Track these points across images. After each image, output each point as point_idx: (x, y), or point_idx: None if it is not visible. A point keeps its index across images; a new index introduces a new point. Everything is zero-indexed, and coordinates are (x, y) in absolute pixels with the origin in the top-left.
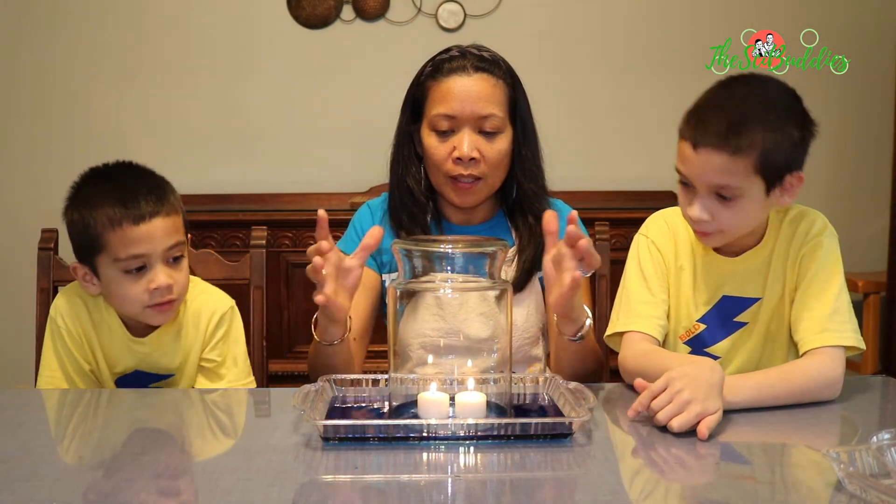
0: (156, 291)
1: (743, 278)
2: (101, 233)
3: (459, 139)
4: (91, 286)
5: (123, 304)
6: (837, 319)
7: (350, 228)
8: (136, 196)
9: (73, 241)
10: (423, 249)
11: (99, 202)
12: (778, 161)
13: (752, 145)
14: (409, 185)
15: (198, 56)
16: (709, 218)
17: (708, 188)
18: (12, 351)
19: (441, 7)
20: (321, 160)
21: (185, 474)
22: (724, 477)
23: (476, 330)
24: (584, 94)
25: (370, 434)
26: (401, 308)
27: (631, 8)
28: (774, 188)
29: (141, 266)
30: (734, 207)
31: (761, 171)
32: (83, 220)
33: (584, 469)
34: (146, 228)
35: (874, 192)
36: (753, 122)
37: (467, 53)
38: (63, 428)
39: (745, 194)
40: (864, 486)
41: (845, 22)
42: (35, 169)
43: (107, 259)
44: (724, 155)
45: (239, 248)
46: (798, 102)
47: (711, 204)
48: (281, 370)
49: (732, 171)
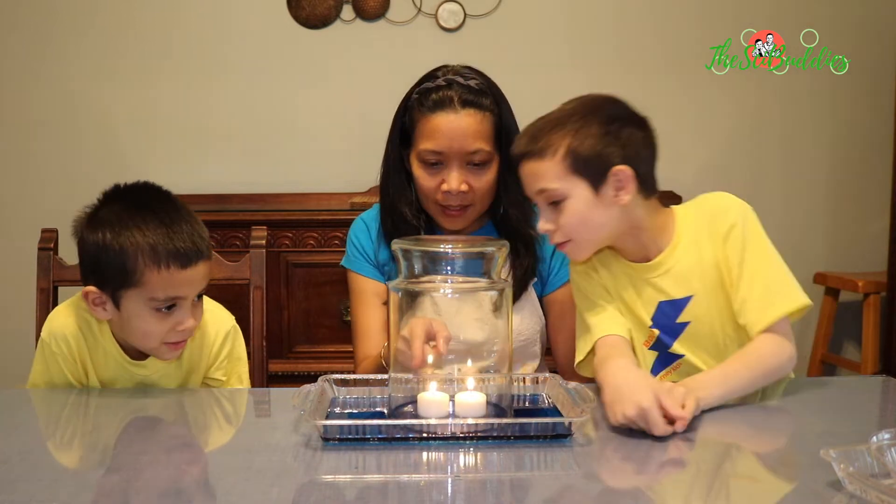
0: (180, 332)
1: (669, 280)
2: (141, 269)
3: (448, 173)
4: (101, 312)
5: (143, 338)
6: (774, 290)
7: (349, 245)
8: (181, 236)
9: (96, 265)
10: (423, 250)
11: (139, 234)
12: (586, 156)
13: (552, 145)
14: (402, 211)
15: (197, 56)
16: (552, 227)
17: (538, 198)
18: (12, 351)
19: (441, 7)
20: (321, 160)
21: (186, 474)
22: (724, 477)
23: (472, 334)
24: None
25: (370, 434)
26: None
27: (631, 8)
28: (601, 185)
29: (172, 305)
30: (567, 210)
31: (574, 169)
32: (119, 248)
33: (584, 469)
34: (191, 273)
35: (874, 192)
36: (555, 126)
37: (454, 84)
38: (63, 428)
39: (571, 194)
40: (864, 486)
41: (845, 22)
42: (36, 169)
43: (139, 295)
44: (533, 161)
45: (239, 248)
46: (621, 109)
47: (549, 213)
48: (281, 370)
49: (545, 174)
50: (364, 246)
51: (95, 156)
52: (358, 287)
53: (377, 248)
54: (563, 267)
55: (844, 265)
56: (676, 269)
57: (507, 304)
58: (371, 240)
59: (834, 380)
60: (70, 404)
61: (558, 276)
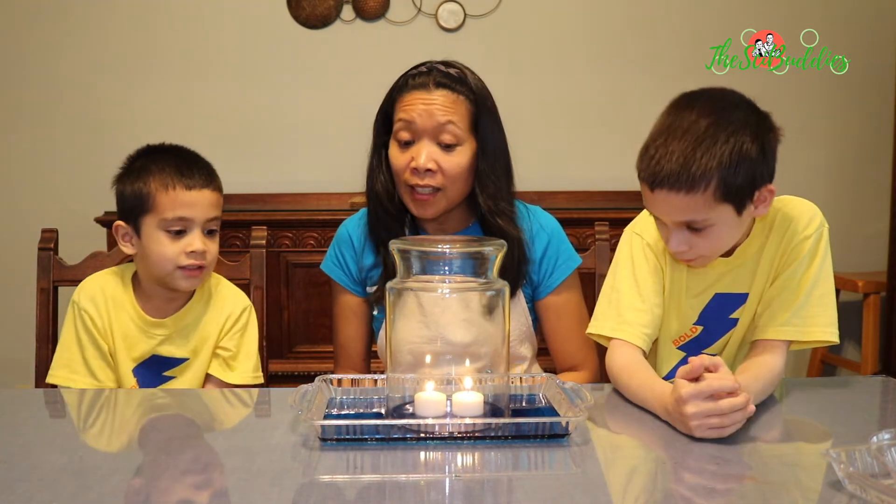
0: (191, 255)
1: (734, 275)
2: (153, 194)
3: (417, 150)
4: (128, 246)
5: (159, 262)
6: (816, 314)
7: (332, 254)
8: (190, 167)
9: (123, 203)
10: (421, 250)
11: (156, 168)
12: (739, 184)
13: (705, 178)
14: (379, 196)
15: (197, 56)
16: (686, 248)
17: (676, 224)
18: (12, 351)
19: (441, 7)
20: (321, 160)
21: (186, 474)
22: (723, 477)
23: (459, 336)
24: (583, 94)
25: (367, 434)
26: (379, 315)
27: (631, 8)
28: (745, 207)
29: (181, 230)
30: (709, 236)
31: (724, 198)
32: (139, 182)
33: (581, 469)
34: (195, 195)
35: (874, 192)
36: (703, 155)
37: (434, 69)
38: (63, 428)
39: (716, 222)
40: (864, 486)
41: (845, 22)
42: (36, 169)
43: (153, 219)
44: (680, 194)
45: (239, 248)
46: (752, 114)
47: (685, 236)
48: (281, 370)
49: (693, 207)
50: (346, 259)
51: (95, 156)
52: (337, 298)
53: (360, 256)
54: (556, 270)
55: (844, 265)
56: (746, 264)
57: (503, 304)
58: (354, 249)
59: (834, 380)
60: (70, 404)
61: (552, 279)
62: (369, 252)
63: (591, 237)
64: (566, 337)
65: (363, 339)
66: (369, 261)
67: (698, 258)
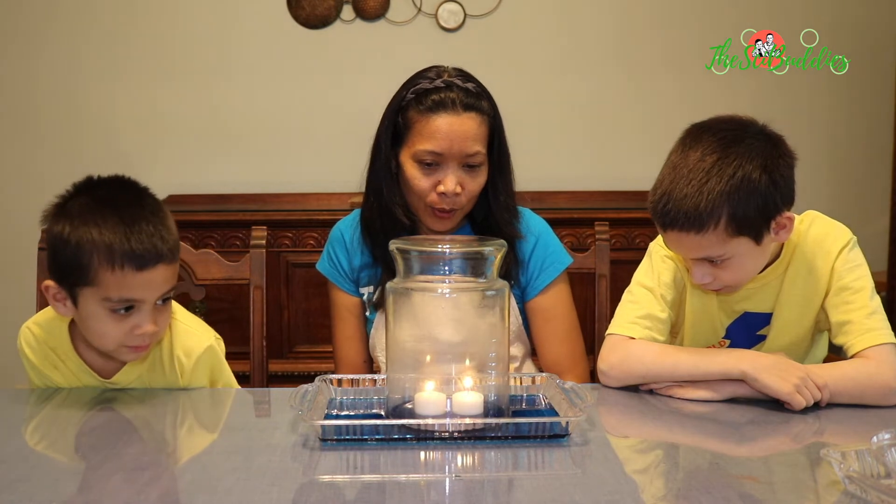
0: (139, 336)
1: (763, 294)
2: (95, 268)
3: (444, 175)
4: (62, 308)
5: (100, 340)
6: (877, 318)
7: (327, 254)
8: (140, 236)
9: (53, 258)
10: (421, 250)
11: (96, 231)
12: (751, 217)
13: (714, 216)
14: (394, 212)
15: (198, 55)
16: (710, 279)
17: (696, 260)
18: (12, 351)
19: (441, 7)
20: (321, 160)
21: (186, 474)
22: (723, 477)
23: (447, 335)
24: (583, 94)
25: (367, 434)
26: (371, 315)
27: (631, 8)
28: (763, 237)
29: (129, 307)
30: (729, 267)
31: (737, 232)
32: (75, 243)
33: (581, 469)
34: (148, 276)
35: (874, 192)
36: (710, 193)
37: (453, 86)
38: (63, 428)
39: (734, 254)
40: (864, 486)
41: (845, 22)
42: (36, 169)
43: (93, 294)
44: (691, 234)
45: (239, 248)
46: (761, 142)
47: (707, 269)
48: (281, 370)
49: (707, 245)
50: (340, 259)
51: (96, 156)
52: (333, 298)
53: (352, 257)
54: (543, 273)
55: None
56: (771, 283)
57: (504, 304)
58: (346, 249)
59: None
60: (70, 404)
61: (539, 280)
62: (361, 252)
63: (591, 237)
64: (553, 341)
65: (361, 339)
66: (361, 261)
67: (724, 288)
